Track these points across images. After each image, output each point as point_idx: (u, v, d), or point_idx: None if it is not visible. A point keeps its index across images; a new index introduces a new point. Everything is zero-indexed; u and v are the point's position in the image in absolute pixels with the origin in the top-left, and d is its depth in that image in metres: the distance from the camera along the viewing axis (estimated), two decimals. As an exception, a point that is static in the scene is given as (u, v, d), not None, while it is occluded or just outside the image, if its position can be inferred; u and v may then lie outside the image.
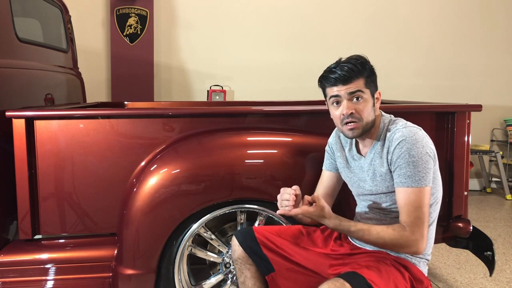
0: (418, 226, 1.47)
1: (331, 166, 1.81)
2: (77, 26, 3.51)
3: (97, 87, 4.56)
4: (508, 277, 2.74)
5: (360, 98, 1.55)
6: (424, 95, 4.85)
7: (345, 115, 1.55)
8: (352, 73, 1.54)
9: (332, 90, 1.58)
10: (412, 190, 1.49)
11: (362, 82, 1.56)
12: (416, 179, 1.49)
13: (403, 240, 1.47)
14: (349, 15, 4.89)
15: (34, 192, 1.92)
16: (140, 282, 1.88)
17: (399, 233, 1.48)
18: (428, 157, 1.51)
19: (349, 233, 1.59)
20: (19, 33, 2.23)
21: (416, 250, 1.49)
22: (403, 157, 1.50)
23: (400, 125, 1.58)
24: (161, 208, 1.87)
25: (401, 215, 1.51)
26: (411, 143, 1.50)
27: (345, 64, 1.55)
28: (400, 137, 1.53)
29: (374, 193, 1.63)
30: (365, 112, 1.55)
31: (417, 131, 1.55)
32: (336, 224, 1.54)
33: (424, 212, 1.49)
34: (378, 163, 1.59)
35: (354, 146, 1.71)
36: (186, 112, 2.07)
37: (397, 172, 1.52)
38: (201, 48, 4.74)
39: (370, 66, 1.59)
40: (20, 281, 1.90)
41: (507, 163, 4.95)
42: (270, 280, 1.66)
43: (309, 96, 4.65)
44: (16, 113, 1.87)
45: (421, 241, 1.48)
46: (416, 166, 1.49)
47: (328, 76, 1.57)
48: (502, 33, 5.10)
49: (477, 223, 3.75)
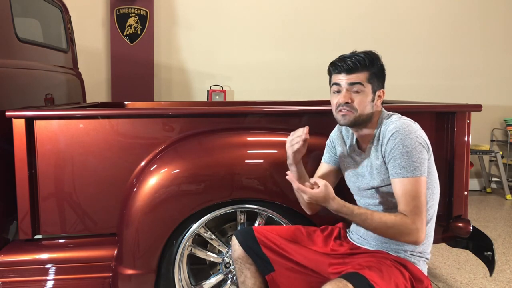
0: (418, 215, 1.48)
1: (330, 159, 1.82)
2: (77, 26, 3.51)
3: (97, 87, 4.56)
4: (508, 277, 2.74)
5: (359, 91, 1.58)
6: (423, 95, 4.85)
7: (341, 103, 1.59)
8: (358, 65, 1.57)
9: (335, 77, 1.62)
10: (408, 180, 1.50)
11: (366, 76, 1.58)
12: (411, 169, 1.50)
13: (405, 227, 1.47)
14: (349, 15, 4.89)
15: (34, 192, 1.92)
16: (140, 282, 1.88)
17: (401, 219, 1.48)
18: (421, 147, 1.52)
19: (351, 216, 1.55)
20: (19, 33, 2.23)
21: (416, 239, 1.48)
22: (397, 148, 1.52)
23: (394, 118, 1.61)
24: (161, 208, 1.87)
25: (399, 204, 1.51)
26: (404, 134, 1.52)
27: (355, 55, 1.59)
28: (393, 129, 1.55)
29: (370, 187, 1.64)
30: (361, 105, 1.58)
31: (410, 123, 1.58)
32: (341, 205, 1.52)
33: (422, 201, 1.49)
34: (374, 156, 1.62)
35: (355, 142, 1.73)
36: (186, 112, 2.07)
37: (392, 164, 1.54)
38: (201, 48, 4.74)
39: (380, 64, 1.63)
40: (20, 281, 1.90)
41: (507, 163, 4.95)
42: (270, 280, 1.66)
43: (309, 96, 4.67)
44: (16, 113, 1.87)
45: (421, 230, 1.48)
46: (410, 156, 1.50)
47: (336, 63, 1.62)
48: (502, 32, 5.10)
49: (477, 223, 3.75)
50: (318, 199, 1.51)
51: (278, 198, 1.92)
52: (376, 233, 1.56)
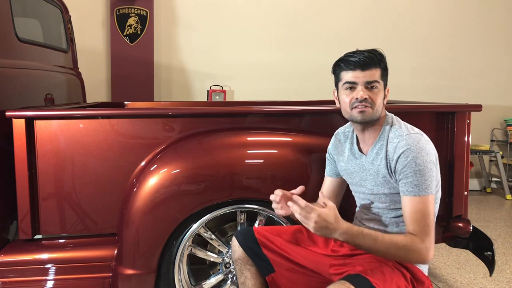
0: (427, 234, 1.46)
1: (332, 172, 1.80)
2: (77, 26, 3.51)
3: (97, 87, 4.56)
4: (508, 277, 2.74)
5: (375, 88, 1.56)
6: (423, 95, 4.85)
7: (359, 99, 1.54)
8: (372, 60, 1.55)
9: (348, 74, 1.57)
10: (420, 199, 1.48)
11: (379, 72, 1.57)
12: (423, 187, 1.48)
13: (414, 247, 1.44)
14: (350, 14, 4.89)
15: (34, 192, 1.92)
16: (140, 282, 1.88)
17: (411, 239, 1.45)
18: (432, 165, 1.51)
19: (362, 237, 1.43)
20: (19, 33, 2.23)
21: (425, 258, 1.47)
22: (409, 166, 1.49)
23: (404, 131, 1.57)
24: (161, 208, 1.87)
25: (409, 224, 1.49)
26: (416, 152, 1.49)
27: (367, 52, 1.56)
28: (404, 146, 1.52)
29: (374, 193, 1.63)
30: (378, 101, 1.56)
31: (420, 138, 1.54)
32: (349, 226, 1.42)
33: (431, 220, 1.48)
34: (381, 164, 1.58)
35: (355, 144, 1.70)
36: (186, 112, 2.07)
37: (404, 181, 1.51)
38: (201, 48, 4.74)
39: (385, 61, 1.60)
40: (20, 281, 1.90)
41: (507, 163, 4.95)
42: (270, 281, 1.66)
43: (309, 95, 4.67)
44: (16, 113, 1.87)
45: (430, 249, 1.47)
46: (422, 175, 1.48)
47: (348, 59, 1.56)
48: (502, 32, 5.10)
49: (477, 223, 3.75)
50: (328, 218, 1.38)
51: (278, 198, 1.91)
52: (386, 255, 1.48)
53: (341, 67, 1.60)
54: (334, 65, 1.64)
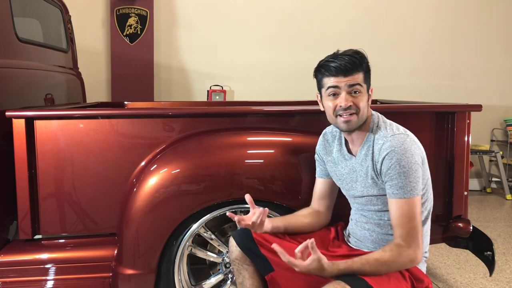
0: (413, 236, 1.48)
1: (323, 173, 1.80)
2: (77, 26, 3.51)
3: (97, 87, 4.56)
4: (508, 277, 2.74)
5: (358, 92, 1.54)
6: (423, 95, 4.85)
7: (343, 107, 1.53)
8: (354, 65, 1.52)
9: (330, 80, 1.55)
10: (405, 201, 1.49)
11: (362, 76, 1.55)
12: (408, 189, 1.49)
13: (403, 256, 1.46)
14: (350, 14, 4.89)
15: (34, 192, 1.92)
16: (140, 282, 1.88)
17: (397, 250, 1.46)
18: (417, 166, 1.50)
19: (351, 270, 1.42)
20: (19, 33, 2.23)
21: (414, 260, 1.49)
22: (393, 168, 1.49)
23: (388, 132, 1.56)
24: (161, 208, 1.87)
25: (395, 227, 1.50)
26: (401, 154, 1.49)
27: (345, 55, 1.54)
28: (388, 148, 1.51)
29: (365, 195, 1.63)
30: (362, 105, 1.55)
31: (405, 138, 1.53)
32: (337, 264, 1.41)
33: (417, 221, 1.49)
34: (369, 165, 1.58)
35: (344, 145, 1.70)
36: (186, 112, 2.07)
37: (389, 183, 1.52)
38: (201, 48, 4.74)
39: (367, 62, 1.58)
40: (20, 281, 1.90)
41: (507, 163, 4.95)
42: (269, 280, 1.66)
43: (309, 96, 4.67)
44: (16, 113, 1.87)
45: (418, 250, 1.48)
46: (407, 177, 1.48)
47: (329, 65, 1.54)
48: (502, 32, 5.09)
49: (477, 223, 3.75)
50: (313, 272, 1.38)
51: (278, 198, 1.92)
52: (380, 273, 1.45)
53: (322, 73, 1.58)
54: (315, 70, 1.62)
